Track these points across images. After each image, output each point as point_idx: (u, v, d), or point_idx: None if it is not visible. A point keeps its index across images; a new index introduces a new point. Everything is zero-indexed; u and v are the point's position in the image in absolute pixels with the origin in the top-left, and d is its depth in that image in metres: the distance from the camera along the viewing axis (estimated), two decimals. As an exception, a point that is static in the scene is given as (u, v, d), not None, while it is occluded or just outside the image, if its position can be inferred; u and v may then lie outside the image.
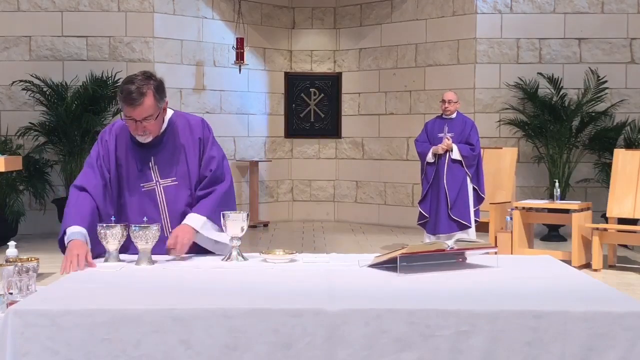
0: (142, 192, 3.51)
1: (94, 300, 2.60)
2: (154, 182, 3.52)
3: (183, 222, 3.44)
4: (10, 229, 9.79)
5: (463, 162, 8.43)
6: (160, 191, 3.52)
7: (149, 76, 3.42)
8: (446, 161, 8.47)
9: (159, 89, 3.43)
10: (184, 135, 3.57)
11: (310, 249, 9.43)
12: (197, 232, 3.43)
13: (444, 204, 8.41)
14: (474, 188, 8.49)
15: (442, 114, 8.76)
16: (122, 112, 3.45)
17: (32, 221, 10.57)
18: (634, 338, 2.45)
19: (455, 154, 8.43)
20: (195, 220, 3.44)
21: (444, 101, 8.70)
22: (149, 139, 3.47)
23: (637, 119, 10.78)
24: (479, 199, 8.57)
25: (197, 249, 3.50)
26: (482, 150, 9.49)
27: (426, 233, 8.66)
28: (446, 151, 8.46)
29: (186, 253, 3.41)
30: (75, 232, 3.31)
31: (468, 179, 8.46)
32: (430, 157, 8.53)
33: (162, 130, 3.54)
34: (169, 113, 3.59)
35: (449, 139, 8.45)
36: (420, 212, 8.70)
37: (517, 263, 3.48)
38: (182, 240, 3.36)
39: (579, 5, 11.01)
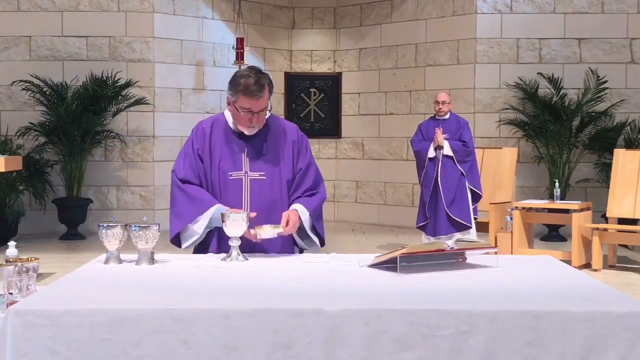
0: (228, 180, 3.57)
1: (94, 300, 2.60)
2: (243, 172, 3.58)
3: (292, 208, 3.54)
4: (10, 229, 9.79)
5: (454, 158, 8.45)
6: (247, 182, 3.57)
7: (259, 70, 3.54)
8: (439, 160, 8.49)
9: (270, 82, 3.54)
10: (278, 136, 3.65)
11: (311, 249, 9.42)
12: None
13: (441, 205, 8.42)
14: (470, 188, 8.51)
15: (435, 115, 8.79)
16: (236, 105, 3.50)
17: (32, 221, 10.57)
18: (634, 338, 2.45)
19: (447, 149, 8.47)
20: (302, 211, 3.54)
21: (437, 102, 8.72)
22: (255, 131, 3.56)
23: (637, 119, 10.78)
24: (475, 198, 8.59)
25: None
26: (482, 150, 9.50)
27: (425, 235, 8.65)
28: (438, 149, 8.50)
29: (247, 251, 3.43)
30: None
31: (465, 179, 8.47)
32: (431, 152, 8.54)
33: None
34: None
35: (439, 130, 8.47)
36: (418, 214, 8.70)
37: (517, 263, 3.49)
38: (293, 221, 3.47)
39: (579, 5, 11.02)
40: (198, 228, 3.51)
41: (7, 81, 10.61)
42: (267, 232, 3.40)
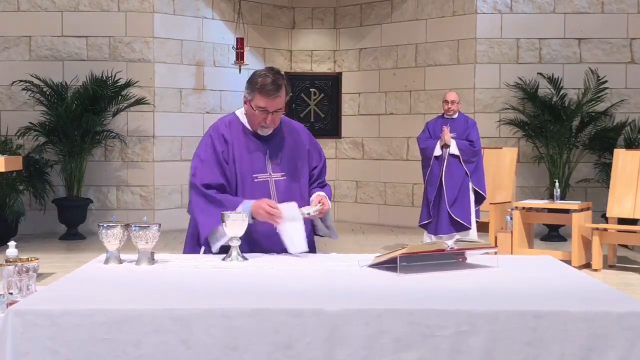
0: (254, 182, 3.59)
1: (94, 300, 2.60)
2: (268, 174, 3.62)
3: (318, 193, 3.67)
4: (10, 229, 9.79)
5: (460, 157, 8.43)
6: (273, 184, 3.61)
7: (277, 71, 3.59)
8: (445, 159, 8.48)
9: (287, 84, 3.60)
10: (293, 137, 3.72)
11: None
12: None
13: (444, 204, 8.41)
14: (474, 189, 8.49)
15: (443, 114, 8.75)
16: (251, 104, 3.54)
17: (32, 221, 10.57)
18: (634, 338, 2.45)
19: (453, 148, 8.44)
20: (327, 197, 3.66)
21: (446, 102, 8.68)
22: (269, 132, 3.61)
23: (637, 119, 10.78)
24: (479, 199, 8.57)
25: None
26: (482, 150, 9.48)
27: (427, 233, 8.65)
28: (444, 147, 8.48)
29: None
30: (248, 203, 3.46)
31: (468, 179, 8.46)
32: (437, 150, 8.51)
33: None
34: None
35: (447, 128, 8.44)
36: (422, 213, 8.68)
37: (517, 263, 3.49)
38: (326, 202, 3.59)
39: (579, 5, 11.02)
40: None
41: (7, 81, 10.61)
42: (310, 208, 3.50)
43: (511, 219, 8.59)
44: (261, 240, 3.51)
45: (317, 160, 3.81)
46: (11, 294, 2.85)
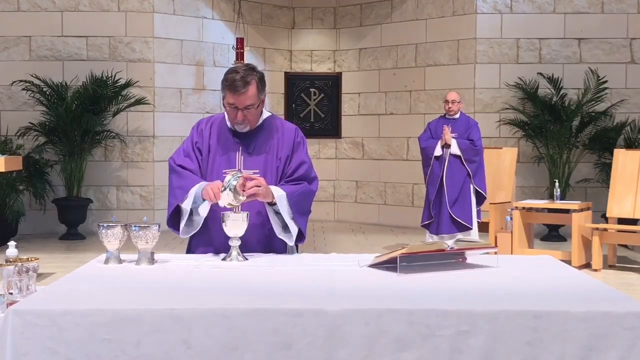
0: (222, 176, 3.56)
1: (94, 300, 2.61)
2: (237, 169, 3.60)
3: (262, 179, 3.50)
4: (10, 229, 9.79)
5: (462, 157, 8.41)
6: None
7: (252, 68, 3.60)
8: (446, 159, 8.46)
9: (261, 81, 3.60)
10: (274, 136, 3.67)
11: (310, 249, 9.43)
12: (274, 203, 3.48)
13: (445, 204, 8.40)
14: (475, 189, 8.48)
15: (445, 114, 8.73)
16: (224, 101, 3.57)
17: (32, 221, 10.57)
18: (634, 338, 2.45)
19: (454, 148, 8.42)
20: (275, 189, 3.51)
21: (447, 101, 8.66)
22: (246, 129, 3.60)
23: (637, 119, 10.78)
24: (480, 200, 8.55)
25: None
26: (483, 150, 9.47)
27: (429, 233, 8.64)
28: (445, 147, 8.46)
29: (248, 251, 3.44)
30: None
31: (470, 180, 8.44)
32: (438, 150, 8.49)
33: (257, 125, 3.65)
34: (266, 114, 3.71)
35: (447, 128, 8.42)
36: (423, 213, 8.68)
37: (517, 263, 3.48)
38: (260, 184, 3.40)
39: (579, 5, 11.02)
40: (186, 205, 3.54)
41: (7, 81, 10.61)
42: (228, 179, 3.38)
43: (511, 219, 8.58)
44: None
45: (296, 161, 3.64)
46: (11, 294, 2.84)
